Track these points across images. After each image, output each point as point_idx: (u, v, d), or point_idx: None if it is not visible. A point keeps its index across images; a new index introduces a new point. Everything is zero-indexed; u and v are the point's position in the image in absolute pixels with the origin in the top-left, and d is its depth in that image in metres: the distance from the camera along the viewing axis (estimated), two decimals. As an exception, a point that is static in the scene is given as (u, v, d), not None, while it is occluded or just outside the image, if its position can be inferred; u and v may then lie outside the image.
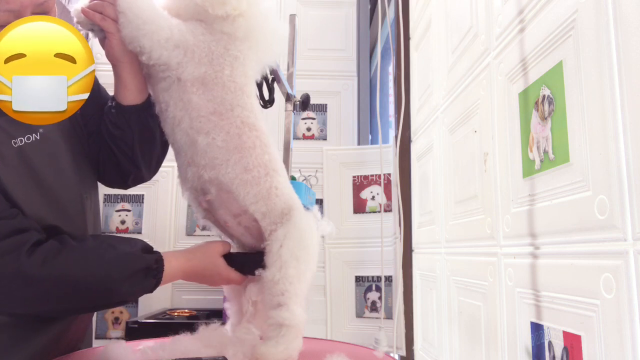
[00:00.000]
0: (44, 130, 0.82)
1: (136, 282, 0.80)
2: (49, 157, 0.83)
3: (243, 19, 0.81)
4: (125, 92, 0.86)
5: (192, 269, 0.87)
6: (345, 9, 2.38)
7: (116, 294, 0.79)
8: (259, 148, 0.83)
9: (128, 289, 0.80)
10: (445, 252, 1.39)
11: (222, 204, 0.84)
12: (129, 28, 0.78)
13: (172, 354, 0.80)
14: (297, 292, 0.80)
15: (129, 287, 0.80)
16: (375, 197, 2.06)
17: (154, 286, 0.83)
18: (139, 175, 0.98)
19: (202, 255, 0.88)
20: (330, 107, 2.30)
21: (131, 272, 0.80)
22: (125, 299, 0.83)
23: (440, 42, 1.46)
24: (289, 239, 0.81)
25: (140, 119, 0.88)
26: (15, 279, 0.73)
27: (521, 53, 0.92)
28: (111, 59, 0.83)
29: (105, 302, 0.83)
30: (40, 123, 0.79)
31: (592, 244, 0.70)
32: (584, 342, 0.71)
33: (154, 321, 1.83)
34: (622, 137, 0.64)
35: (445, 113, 1.40)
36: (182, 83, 0.81)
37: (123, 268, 0.79)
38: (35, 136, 0.81)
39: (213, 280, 0.89)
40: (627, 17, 0.63)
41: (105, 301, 0.83)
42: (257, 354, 0.77)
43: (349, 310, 2.03)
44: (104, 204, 2.21)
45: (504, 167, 1.00)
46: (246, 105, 0.83)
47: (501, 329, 0.99)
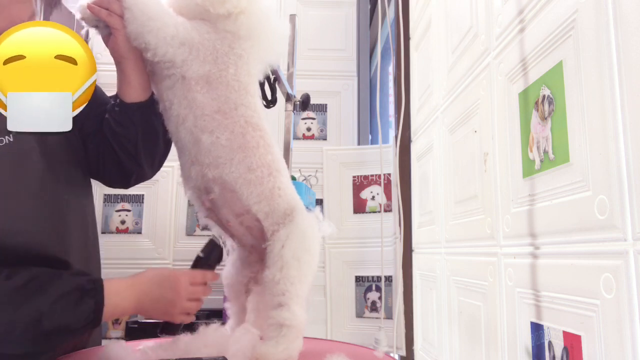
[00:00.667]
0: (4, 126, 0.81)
1: (69, 305, 0.73)
2: (19, 158, 0.81)
3: (244, 16, 0.81)
4: (129, 89, 0.86)
5: (145, 283, 0.82)
6: (345, 9, 2.38)
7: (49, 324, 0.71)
8: (263, 148, 0.83)
9: (61, 315, 0.72)
10: (445, 252, 1.39)
11: (225, 203, 0.84)
12: (135, 24, 0.78)
13: (172, 354, 0.80)
14: (298, 292, 0.80)
15: (62, 313, 0.72)
16: (375, 197, 2.06)
17: (94, 310, 0.75)
18: (141, 173, 0.97)
19: (155, 270, 0.85)
20: (330, 107, 2.30)
21: (59, 294, 0.73)
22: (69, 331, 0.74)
23: (440, 42, 1.46)
24: (290, 240, 0.81)
25: (144, 116, 0.88)
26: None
27: (521, 53, 0.92)
28: (115, 56, 0.83)
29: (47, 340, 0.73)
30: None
31: (592, 244, 0.70)
32: (584, 342, 0.71)
33: (154, 321, 1.83)
34: (622, 137, 0.64)
35: (445, 113, 1.40)
36: (186, 81, 0.81)
37: (50, 293, 0.73)
38: (9, 138, 0.80)
39: (176, 291, 0.83)
40: (627, 17, 0.63)
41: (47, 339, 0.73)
42: (257, 354, 0.77)
43: (349, 310, 2.03)
44: (104, 204, 2.20)
45: (504, 167, 1.00)
46: (250, 104, 0.83)
47: (501, 329, 0.99)
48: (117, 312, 0.79)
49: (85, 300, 0.75)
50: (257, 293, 0.90)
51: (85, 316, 0.75)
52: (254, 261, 0.91)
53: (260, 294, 0.88)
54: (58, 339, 0.75)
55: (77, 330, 0.75)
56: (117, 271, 2.13)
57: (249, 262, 0.92)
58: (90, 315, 0.75)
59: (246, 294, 0.93)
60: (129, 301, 0.80)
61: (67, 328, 0.74)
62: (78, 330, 0.75)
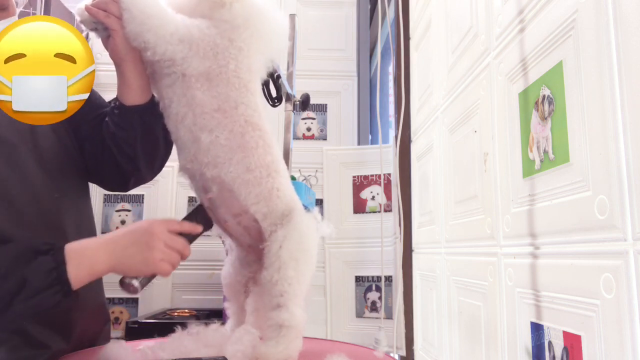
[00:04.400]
0: (1, 133, 0.81)
1: (20, 266, 0.70)
2: (14, 162, 0.82)
3: (239, 4, 0.80)
4: (128, 91, 0.86)
5: (120, 240, 0.77)
6: (345, 9, 2.38)
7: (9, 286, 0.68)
8: (262, 148, 0.83)
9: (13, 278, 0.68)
10: (445, 252, 1.39)
11: (223, 202, 0.84)
12: (134, 24, 0.78)
13: (172, 354, 0.80)
14: (296, 293, 0.79)
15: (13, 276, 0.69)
16: (375, 197, 2.06)
17: (55, 268, 0.71)
18: (140, 176, 0.97)
19: (130, 226, 0.80)
20: (330, 107, 2.30)
21: (9, 257, 0.70)
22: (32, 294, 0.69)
23: (440, 42, 1.46)
24: (288, 241, 0.81)
25: (143, 119, 0.88)
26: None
27: (521, 53, 0.92)
28: (115, 58, 0.83)
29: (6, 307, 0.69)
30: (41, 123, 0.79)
31: (592, 244, 0.70)
32: (584, 342, 0.71)
33: (154, 321, 1.83)
34: (622, 137, 0.64)
35: (445, 113, 1.40)
36: (186, 79, 0.80)
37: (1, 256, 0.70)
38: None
39: (152, 238, 0.76)
40: (627, 17, 0.63)
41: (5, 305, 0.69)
42: (257, 354, 0.77)
43: (349, 310, 2.03)
44: (104, 204, 2.21)
45: (504, 167, 1.00)
46: (250, 103, 0.83)
47: (501, 329, 0.99)
48: (94, 272, 0.75)
49: (40, 260, 0.71)
50: (256, 293, 0.90)
51: (45, 276, 0.70)
52: (252, 261, 0.91)
53: (259, 294, 0.88)
54: (21, 305, 0.69)
55: (42, 293, 0.70)
56: (117, 271, 2.13)
57: (247, 262, 0.92)
58: (52, 274, 0.71)
59: (245, 293, 0.92)
60: (104, 261, 0.75)
61: (26, 290, 0.69)
62: (44, 293, 0.70)
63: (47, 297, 0.71)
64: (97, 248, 0.76)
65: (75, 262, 0.73)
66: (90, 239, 0.78)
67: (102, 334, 0.98)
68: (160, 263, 0.77)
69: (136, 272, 0.77)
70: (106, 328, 1.01)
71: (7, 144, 0.82)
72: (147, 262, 0.77)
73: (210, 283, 2.21)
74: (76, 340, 0.89)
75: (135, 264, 0.77)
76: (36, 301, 0.70)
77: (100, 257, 0.75)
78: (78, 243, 0.76)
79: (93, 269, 0.75)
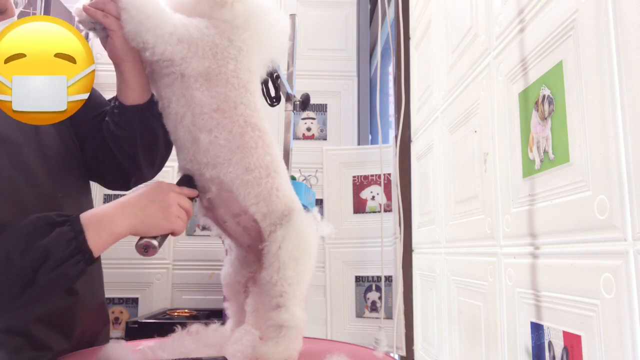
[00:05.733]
0: (4, 132, 0.81)
1: (38, 237, 0.70)
2: (15, 160, 0.82)
3: (240, 4, 0.80)
4: (128, 91, 0.86)
5: (137, 202, 0.78)
6: (345, 9, 2.38)
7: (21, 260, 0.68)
8: (261, 148, 0.83)
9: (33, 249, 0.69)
10: (445, 252, 1.39)
11: (222, 203, 0.84)
12: (132, 23, 0.77)
13: (172, 354, 0.80)
14: (295, 293, 0.79)
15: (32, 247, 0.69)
16: (375, 197, 2.06)
17: (75, 238, 0.71)
18: (141, 176, 0.98)
19: (143, 188, 0.81)
20: (330, 107, 2.30)
21: (26, 231, 0.71)
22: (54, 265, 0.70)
23: (440, 42, 1.46)
24: (287, 241, 0.81)
25: (143, 119, 0.88)
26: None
27: (521, 53, 0.92)
28: (114, 58, 0.83)
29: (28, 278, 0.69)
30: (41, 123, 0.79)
31: (592, 244, 0.70)
32: (584, 342, 0.71)
33: (154, 321, 1.83)
34: (622, 137, 0.64)
35: (445, 113, 1.40)
36: (185, 79, 0.80)
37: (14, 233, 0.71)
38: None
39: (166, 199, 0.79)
40: (627, 17, 0.63)
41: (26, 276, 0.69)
42: (257, 354, 0.77)
43: (349, 310, 2.03)
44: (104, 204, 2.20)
45: (504, 167, 1.00)
46: (249, 103, 0.83)
47: (501, 329, 0.99)
48: (114, 235, 0.76)
49: (58, 231, 0.71)
50: (256, 293, 0.90)
51: (66, 245, 0.71)
52: (252, 261, 0.91)
53: (258, 294, 0.88)
54: (47, 277, 0.69)
55: (65, 263, 0.70)
56: (118, 271, 2.13)
57: (247, 262, 0.92)
58: (72, 243, 0.71)
59: (245, 293, 0.92)
60: (123, 223, 0.76)
61: (49, 261, 0.69)
62: (67, 263, 0.70)
63: (71, 266, 0.71)
64: (114, 212, 0.77)
65: (93, 229, 0.74)
66: (104, 206, 0.78)
67: (102, 334, 0.98)
68: (177, 220, 0.80)
69: (158, 229, 0.79)
70: (106, 328, 1.01)
71: (12, 143, 0.82)
72: (169, 218, 0.79)
73: (210, 283, 2.21)
74: (76, 340, 0.89)
75: (158, 221, 0.78)
76: (60, 271, 0.70)
77: (119, 220, 0.76)
78: (93, 211, 0.77)
79: (113, 232, 0.75)
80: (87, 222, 0.74)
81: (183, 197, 0.82)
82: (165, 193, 0.80)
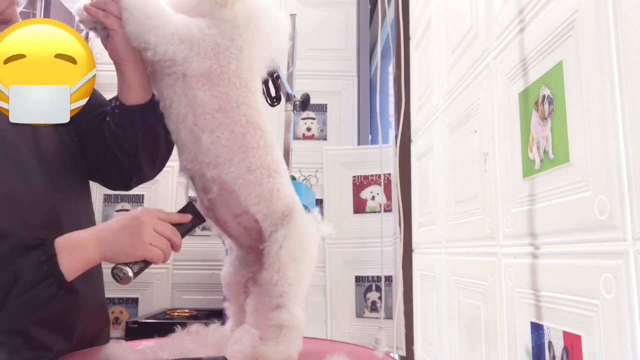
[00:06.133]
0: (2, 133, 0.81)
1: (12, 260, 0.70)
2: (15, 160, 0.82)
3: (241, 4, 0.80)
4: (128, 91, 0.86)
5: (110, 229, 0.77)
6: (345, 9, 2.38)
7: None
8: (263, 148, 0.83)
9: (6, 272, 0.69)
10: (445, 252, 1.39)
11: (223, 203, 0.84)
12: (133, 24, 0.77)
13: (172, 354, 0.80)
14: (296, 293, 0.79)
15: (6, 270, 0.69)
16: (375, 197, 2.06)
17: (46, 262, 0.71)
18: (142, 175, 0.97)
19: (120, 216, 0.80)
20: (330, 107, 2.30)
21: (5, 253, 0.70)
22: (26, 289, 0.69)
23: (440, 42, 1.46)
24: (288, 241, 0.81)
25: (144, 119, 0.88)
26: None
27: (521, 53, 0.92)
28: (115, 58, 0.82)
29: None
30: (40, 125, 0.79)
31: (592, 244, 0.70)
32: (584, 342, 0.71)
33: (154, 321, 1.83)
34: (622, 137, 0.64)
35: (445, 113, 1.40)
36: (187, 79, 0.80)
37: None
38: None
39: (138, 225, 0.76)
40: (627, 17, 0.63)
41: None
42: (257, 354, 0.77)
43: (349, 310, 2.03)
44: (104, 204, 2.21)
45: (504, 167, 1.00)
46: (251, 103, 0.82)
47: (501, 329, 0.99)
48: (86, 260, 0.75)
49: (31, 254, 0.71)
50: (256, 294, 0.90)
51: (36, 269, 0.71)
52: (252, 261, 0.91)
53: (259, 294, 0.88)
54: (17, 300, 0.69)
55: (36, 286, 0.70)
56: (117, 271, 2.13)
57: (247, 262, 0.92)
58: (43, 267, 0.71)
59: (245, 294, 0.92)
60: (94, 248, 0.75)
61: (19, 284, 0.69)
62: (38, 287, 0.70)
63: (42, 290, 0.71)
64: (87, 237, 0.77)
65: (66, 253, 0.74)
66: (80, 231, 0.78)
67: (102, 335, 0.98)
68: (150, 247, 0.77)
69: (125, 255, 0.77)
70: (106, 328, 1.01)
71: (10, 144, 0.82)
72: (136, 245, 0.76)
73: (210, 283, 2.21)
74: (76, 341, 0.89)
75: (124, 247, 0.76)
76: (32, 295, 0.70)
77: (91, 245, 0.76)
78: (68, 235, 0.77)
79: (85, 257, 0.75)
80: (61, 247, 0.74)
81: (162, 224, 0.80)
82: (139, 219, 0.78)
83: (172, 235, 0.81)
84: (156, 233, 0.78)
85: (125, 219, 0.79)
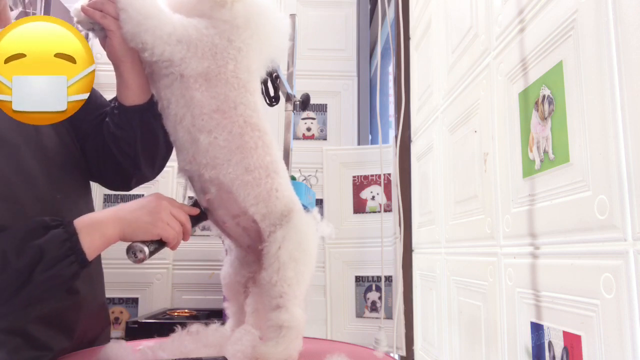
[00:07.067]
0: (3, 133, 0.82)
1: (33, 238, 0.71)
2: (15, 161, 0.82)
3: (240, 4, 0.80)
4: (127, 92, 0.86)
5: (129, 209, 0.80)
6: (345, 9, 2.38)
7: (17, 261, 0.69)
8: (261, 149, 0.83)
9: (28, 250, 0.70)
10: (445, 252, 1.39)
11: (221, 204, 0.84)
12: (131, 24, 0.77)
13: (172, 354, 0.80)
14: (295, 293, 0.79)
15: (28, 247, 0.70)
16: (375, 197, 2.06)
17: (68, 239, 0.73)
18: (142, 176, 0.97)
19: (137, 199, 0.83)
20: (330, 107, 2.30)
21: (21, 234, 0.72)
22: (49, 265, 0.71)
23: (440, 42, 1.46)
24: (287, 241, 0.80)
25: (143, 119, 0.88)
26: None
27: (521, 53, 0.92)
28: (113, 59, 0.82)
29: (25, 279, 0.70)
30: (41, 123, 0.79)
31: (592, 244, 0.70)
32: (584, 342, 0.71)
33: (154, 321, 1.83)
34: (622, 137, 0.64)
35: (445, 113, 1.40)
36: (185, 79, 0.79)
37: (11, 235, 0.72)
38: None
39: (156, 206, 0.80)
40: (627, 17, 0.63)
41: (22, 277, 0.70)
42: (257, 354, 0.77)
43: (349, 310, 2.03)
44: (104, 204, 2.21)
45: (504, 167, 1.00)
46: (249, 103, 0.82)
47: (501, 329, 0.99)
48: (106, 238, 0.77)
49: (53, 233, 0.73)
50: (256, 294, 0.90)
51: (60, 246, 0.72)
52: (251, 261, 0.91)
53: (258, 294, 0.88)
54: (41, 276, 0.70)
55: (60, 263, 0.71)
56: (118, 271, 2.13)
57: (246, 262, 0.92)
58: (66, 244, 0.73)
59: (245, 294, 0.92)
60: (113, 226, 0.77)
61: (44, 260, 0.70)
62: (62, 263, 0.72)
63: (65, 267, 0.72)
64: (106, 216, 0.79)
65: (86, 232, 0.75)
66: (98, 211, 0.80)
67: (102, 335, 0.98)
68: (167, 227, 0.80)
69: (144, 233, 0.79)
70: (107, 329, 1.01)
71: (11, 144, 0.82)
72: (156, 222, 0.79)
73: (210, 283, 2.21)
74: (77, 341, 0.89)
75: (143, 224, 0.79)
76: (55, 271, 0.72)
77: (110, 224, 0.78)
78: (86, 216, 0.78)
79: (104, 235, 0.77)
80: (80, 226, 0.76)
81: (178, 209, 0.83)
82: (157, 200, 0.82)
83: (185, 221, 0.83)
84: (172, 216, 0.81)
85: (142, 200, 0.82)
